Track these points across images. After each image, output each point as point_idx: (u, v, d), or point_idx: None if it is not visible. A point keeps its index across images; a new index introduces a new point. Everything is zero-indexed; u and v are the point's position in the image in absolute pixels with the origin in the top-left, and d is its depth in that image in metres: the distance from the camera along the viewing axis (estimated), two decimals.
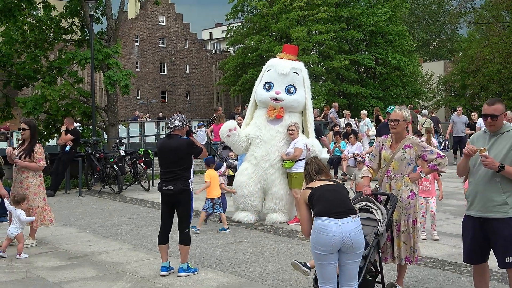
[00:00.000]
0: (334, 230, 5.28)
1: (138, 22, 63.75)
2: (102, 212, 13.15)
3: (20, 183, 9.61)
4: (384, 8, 50.49)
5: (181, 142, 7.60)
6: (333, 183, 5.53)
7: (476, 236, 5.57)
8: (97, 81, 38.92)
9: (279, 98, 11.07)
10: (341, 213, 5.34)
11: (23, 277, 7.82)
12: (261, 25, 52.59)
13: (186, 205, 7.65)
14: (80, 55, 19.03)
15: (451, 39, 77.77)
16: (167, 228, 7.76)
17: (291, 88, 11.16)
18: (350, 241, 5.30)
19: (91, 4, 18.76)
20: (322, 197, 5.44)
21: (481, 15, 47.35)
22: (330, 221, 5.30)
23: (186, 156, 7.60)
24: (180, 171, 7.55)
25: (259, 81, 11.59)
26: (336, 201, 5.41)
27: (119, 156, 16.20)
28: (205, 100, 67.16)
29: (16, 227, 9.00)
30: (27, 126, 9.65)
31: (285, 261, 8.23)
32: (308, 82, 11.53)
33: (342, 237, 5.27)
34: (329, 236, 5.29)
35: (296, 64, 11.39)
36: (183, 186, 7.54)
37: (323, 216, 5.35)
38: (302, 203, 5.57)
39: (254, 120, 11.56)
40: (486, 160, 5.31)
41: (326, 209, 5.37)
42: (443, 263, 8.04)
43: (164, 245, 7.73)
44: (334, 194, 5.45)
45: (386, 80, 52.14)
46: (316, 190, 5.48)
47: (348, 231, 5.29)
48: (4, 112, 21.12)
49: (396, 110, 6.79)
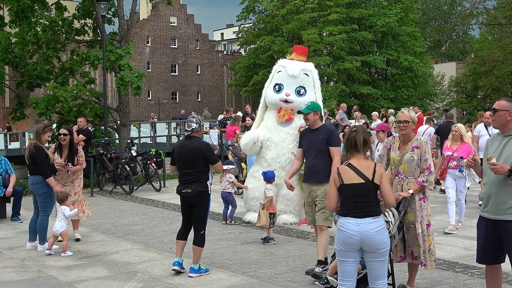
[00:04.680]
0: (352, 229, 5.33)
1: (150, 23, 63.95)
2: (113, 212, 13.21)
3: (72, 183, 9.99)
4: (396, 9, 50.35)
5: (199, 144, 7.69)
6: (362, 182, 5.42)
7: (489, 237, 5.57)
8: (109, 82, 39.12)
9: (289, 100, 11.01)
10: (362, 213, 5.36)
11: (35, 276, 7.88)
12: (272, 26, 52.59)
13: (203, 207, 7.70)
14: (93, 56, 19.12)
15: (463, 40, 77.38)
16: (187, 226, 7.88)
17: (301, 90, 11.07)
18: (368, 241, 5.32)
19: (103, 5, 18.85)
20: (348, 195, 5.45)
21: (494, 16, 47.11)
22: (349, 220, 5.36)
23: (204, 159, 7.64)
24: (198, 173, 7.60)
25: (269, 82, 11.51)
26: (360, 202, 5.41)
27: (130, 157, 16.26)
28: (216, 101, 67.22)
29: (61, 224, 9.19)
30: (67, 131, 9.89)
31: (296, 262, 8.24)
32: (318, 83, 11.41)
33: (359, 236, 5.31)
34: (347, 235, 5.35)
35: (306, 65, 11.30)
36: (201, 188, 7.61)
37: (345, 216, 5.42)
38: (332, 183, 5.57)
39: (265, 122, 11.48)
40: (495, 167, 5.34)
41: (349, 207, 5.42)
42: (454, 265, 8.02)
43: (182, 241, 7.83)
44: (360, 193, 5.42)
45: (397, 81, 51.96)
46: (344, 188, 5.46)
47: (366, 231, 5.30)
48: (16, 112, 21.25)
49: (404, 111, 6.75)
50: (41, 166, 9.17)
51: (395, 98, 50.89)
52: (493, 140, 5.75)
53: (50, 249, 9.14)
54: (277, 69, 11.46)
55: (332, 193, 5.55)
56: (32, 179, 9.37)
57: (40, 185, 9.27)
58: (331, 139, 7.57)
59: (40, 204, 9.42)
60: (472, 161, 5.67)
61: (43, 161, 9.17)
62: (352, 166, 5.47)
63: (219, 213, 11.82)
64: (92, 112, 19.88)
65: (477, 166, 5.76)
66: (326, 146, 7.53)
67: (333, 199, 5.52)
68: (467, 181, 10.16)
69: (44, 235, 9.39)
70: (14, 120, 21.88)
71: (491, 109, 5.67)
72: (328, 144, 7.53)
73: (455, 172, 10.12)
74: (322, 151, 7.55)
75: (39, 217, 9.41)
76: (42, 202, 9.38)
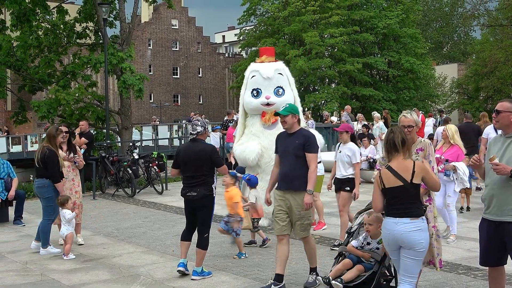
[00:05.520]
0: (389, 228, 5.53)
1: (151, 25, 64.04)
2: (115, 215, 13.22)
3: (73, 180, 10.04)
4: (397, 10, 50.35)
5: (205, 147, 7.71)
6: (401, 184, 5.51)
7: (492, 239, 5.56)
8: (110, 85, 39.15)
9: (270, 103, 10.89)
10: (401, 213, 5.49)
11: (38, 280, 7.89)
12: (273, 28, 52.62)
13: (207, 210, 7.71)
14: (94, 59, 19.14)
15: (464, 41, 77.34)
16: (191, 229, 7.88)
17: (279, 90, 11.00)
18: (403, 240, 5.46)
19: (104, 8, 18.89)
20: (389, 198, 5.58)
21: (495, 18, 47.10)
22: (390, 220, 5.54)
23: (210, 161, 7.64)
24: (203, 176, 7.60)
25: (244, 89, 11.35)
26: (399, 203, 5.53)
27: (132, 160, 16.27)
28: (217, 103, 67.31)
29: (66, 227, 9.22)
30: (68, 129, 10.31)
31: (298, 264, 8.24)
32: (292, 79, 11.39)
33: (397, 234, 5.47)
34: (387, 234, 5.57)
35: (277, 65, 11.23)
36: (206, 191, 7.61)
37: (387, 216, 5.60)
38: (376, 186, 5.69)
39: (249, 129, 11.33)
40: (497, 167, 5.35)
41: (390, 208, 5.58)
42: (457, 266, 8.01)
43: (186, 242, 7.84)
44: (399, 196, 5.53)
45: (399, 83, 51.94)
46: (385, 191, 5.58)
47: (401, 230, 5.44)
48: (18, 116, 21.28)
49: (407, 115, 6.67)
50: (52, 170, 9.19)
51: (397, 99, 50.87)
52: (495, 141, 5.74)
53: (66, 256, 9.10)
54: (249, 74, 11.30)
55: (376, 196, 5.68)
56: (38, 182, 9.36)
57: (46, 189, 9.27)
58: (307, 144, 7.05)
59: (44, 208, 9.42)
60: (477, 160, 5.66)
61: (54, 165, 9.20)
62: (391, 169, 5.58)
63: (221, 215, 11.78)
64: (94, 115, 19.89)
65: (481, 166, 5.75)
66: (302, 152, 7.04)
67: (379, 201, 5.66)
68: (456, 186, 9.78)
69: (46, 239, 9.40)
70: (16, 124, 21.89)
71: (494, 111, 5.67)
72: (304, 150, 7.04)
73: (442, 176, 9.54)
74: (299, 157, 7.05)
75: (42, 220, 9.42)
76: (46, 206, 9.38)
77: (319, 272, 7.69)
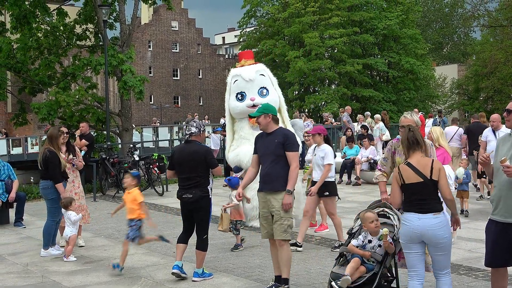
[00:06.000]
0: (413, 223, 5.58)
1: (151, 27, 64.09)
2: (116, 217, 13.10)
3: (73, 182, 9.99)
4: (397, 11, 50.36)
5: (199, 148, 7.63)
6: (421, 180, 5.61)
7: (498, 240, 5.52)
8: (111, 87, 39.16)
9: (255, 104, 10.77)
10: (423, 210, 5.58)
11: (38, 282, 7.88)
12: (273, 30, 52.65)
13: (204, 212, 7.65)
14: (95, 61, 19.15)
15: (464, 42, 77.37)
16: (188, 231, 7.81)
17: (263, 91, 11.04)
18: (429, 236, 5.56)
19: (104, 10, 18.90)
20: (409, 193, 5.67)
21: (495, 18, 47.12)
22: (412, 215, 5.60)
23: (204, 163, 7.57)
24: (199, 177, 7.53)
25: (228, 94, 11.39)
26: (420, 199, 5.62)
27: (133, 161, 16.26)
28: (218, 105, 67.25)
29: (70, 229, 9.19)
30: (68, 130, 10.29)
31: (299, 265, 8.23)
32: (275, 79, 11.45)
33: (420, 230, 5.55)
34: (410, 228, 5.60)
35: (258, 67, 11.32)
36: (202, 193, 7.54)
37: (408, 211, 5.67)
38: (394, 181, 5.75)
39: (238, 133, 11.34)
40: (508, 170, 5.30)
41: (411, 204, 5.66)
42: (458, 267, 7.99)
43: (182, 245, 7.75)
44: (419, 192, 5.62)
45: (399, 84, 51.95)
46: (405, 187, 5.67)
47: (427, 226, 5.54)
48: (19, 118, 21.29)
49: (407, 116, 6.70)
50: (53, 171, 9.21)
51: (397, 100, 50.89)
52: (504, 141, 5.71)
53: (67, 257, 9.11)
54: (232, 79, 11.32)
55: (395, 191, 5.76)
56: (42, 183, 9.38)
57: (50, 190, 9.29)
58: (287, 143, 6.84)
59: (48, 209, 9.43)
60: (486, 158, 5.62)
61: (55, 167, 9.21)
62: (411, 165, 5.67)
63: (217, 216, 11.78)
64: (94, 117, 19.90)
65: (489, 165, 5.70)
66: (282, 151, 6.82)
67: (397, 196, 5.75)
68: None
69: (49, 240, 9.40)
70: (16, 126, 21.90)
71: (504, 110, 5.64)
72: (285, 149, 6.82)
73: None
74: (279, 156, 6.85)
75: (47, 221, 9.44)
76: (50, 207, 9.39)
77: (320, 273, 7.70)
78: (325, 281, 6.50)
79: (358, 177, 17.52)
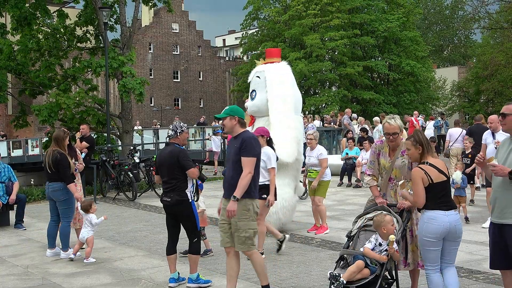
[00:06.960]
0: (442, 220, 5.78)
1: (152, 29, 64.13)
2: (116, 219, 13.21)
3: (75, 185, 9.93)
4: (397, 13, 50.38)
5: (173, 149, 7.35)
6: (445, 179, 5.89)
7: (497, 242, 5.56)
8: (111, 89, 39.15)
9: (245, 106, 10.81)
10: (447, 207, 5.85)
11: (39, 284, 7.88)
12: (274, 32, 52.69)
13: (187, 216, 7.37)
14: (95, 63, 19.16)
15: (464, 44, 77.40)
16: (173, 239, 7.56)
17: (253, 93, 10.76)
18: (455, 230, 5.82)
19: (105, 12, 18.90)
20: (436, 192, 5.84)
21: (496, 20, 47.13)
22: (438, 213, 5.80)
23: (178, 164, 7.27)
24: (175, 180, 7.26)
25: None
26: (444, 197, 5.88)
27: (133, 163, 16.27)
28: (218, 107, 67.22)
29: (87, 230, 9.18)
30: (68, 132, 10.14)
31: (300, 267, 8.23)
32: (273, 81, 10.55)
33: (448, 226, 5.78)
34: (438, 225, 5.77)
35: (260, 68, 10.84)
36: (179, 197, 7.25)
37: (434, 209, 5.82)
38: (420, 182, 5.83)
39: None
40: (494, 168, 5.40)
41: (436, 202, 5.84)
42: (458, 269, 7.95)
43: (172, 256, 7.53)
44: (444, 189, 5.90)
45: (399, 86, 51.93)
46: (433, 186, 5.82)
47: (454, 221, 5.81)
48: (19, 120, 21.29)
49: (391, 121, 6.54)
50: (64, 172, 9.21)
51: (398, 103, 50.87)
52: (503, 144, 5.76)
53: (74, 255, 9.17)
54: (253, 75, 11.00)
55: (420, 191, 5.86)
56: (52, 186, 9.34)
57: (61, 192, 9.28)
58: (243, 148, 6.42)
59: (61, 211, 9.40)
60: (481, 158, 5.69)
61: (66, 168, 9.23)
62: (433, 165, 5.89)
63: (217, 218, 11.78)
64: (95, 119, 19.89)
65: (487, 166, 5.69)
66: (240, 156, 6.45)
67: (422, 196, 5.86)
68: None
69: (67, 242, 9.41)
70: (17, 128, 21.90)
71: (500, 114, 5.67)
72: (240, 154, 6.43)
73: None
74: (237, 162, 6.47)
75: (61, 224, 9.45)
76: (63, 209, 9.38)
77: (321, 275, 7.69)
78: (326, 284, 6.49)
79: (358, 179, 17.53)
